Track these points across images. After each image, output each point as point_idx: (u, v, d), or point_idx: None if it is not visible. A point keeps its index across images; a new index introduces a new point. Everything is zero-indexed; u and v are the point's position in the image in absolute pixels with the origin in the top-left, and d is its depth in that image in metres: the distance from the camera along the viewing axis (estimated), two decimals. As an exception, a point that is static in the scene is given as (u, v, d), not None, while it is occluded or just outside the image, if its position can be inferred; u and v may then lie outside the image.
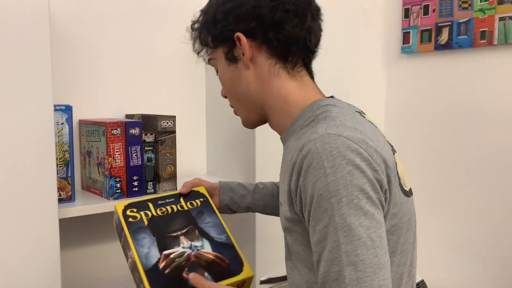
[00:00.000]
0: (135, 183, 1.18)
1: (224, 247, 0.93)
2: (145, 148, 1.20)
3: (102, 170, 1.17)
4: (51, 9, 1.15)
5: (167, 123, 1.22)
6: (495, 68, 1.52)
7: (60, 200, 1.10)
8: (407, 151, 1.82)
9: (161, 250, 0.89)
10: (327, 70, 1.56)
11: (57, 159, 1.09)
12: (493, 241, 1.57)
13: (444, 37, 1.63)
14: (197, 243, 0.92)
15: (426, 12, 1.69)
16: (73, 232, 1.34)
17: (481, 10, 1.52)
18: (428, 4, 1.67)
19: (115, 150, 1.14)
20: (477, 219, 1.61)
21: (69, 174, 1.12)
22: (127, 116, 1.41)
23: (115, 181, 1.15)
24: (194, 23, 0.91)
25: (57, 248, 1.03)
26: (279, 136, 0.90)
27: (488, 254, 1.59)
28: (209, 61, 0.93)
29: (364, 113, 0.87)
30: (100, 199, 1.19)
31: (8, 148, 0.96)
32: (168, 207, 0.97)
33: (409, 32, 1.75)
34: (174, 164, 1.23)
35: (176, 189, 1.25)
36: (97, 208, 1.13)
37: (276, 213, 1.10)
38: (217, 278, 0.88)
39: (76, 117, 1.30)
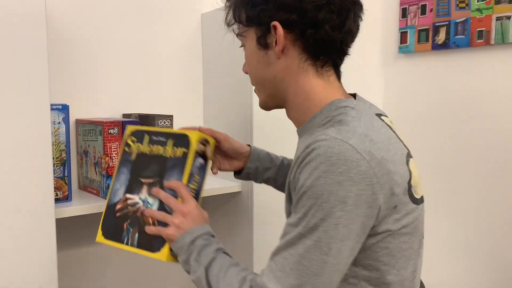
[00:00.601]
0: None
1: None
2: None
3: (99, 169, 1.16)
4: (48, 9, 1.14)
5: (165, 122, 1.21)
6: (492, 68, 1.53)
7: (57, 200, 1.10)
8: (404, 150, 1.82)
9: (126, 191, 0.88)
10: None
11: (53, 158, 1.08)
12: (493, 242, 1.57)
13: (441, 36, 1.64)
14: (150, 200, 0.88)
15: (423, 12, 1.69)
16: (70, 232, 1.33)
17: (478, 10, 1.52)
18: (426, 4, 1.67)
19: (112, 150, 1.13)
20: (477, 220, 1.61)
21: (66, 174, 1.11)
22: (124, 115, 1.40)
23: (113, 180, 1.14)
24: None
25: (53, 248, 1.02)
26: (278, 137, 0.90)
27: (488, 256, 1.59)
28: (238, 36, 0.89)
29: (384, 115, 0.86)
30: (97, 198, 1.19)
31: (4, 148, 0.95)
32: (157, 147, 0.90)
33: (406, 32, 1.75)
34: None
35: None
36: (94, 208, 1.13)
37: None
38: (140, 245, 0.86)
39: (73, 116, 1.29)
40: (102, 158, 1.13)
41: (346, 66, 1.70)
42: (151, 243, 0.85)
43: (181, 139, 0.89)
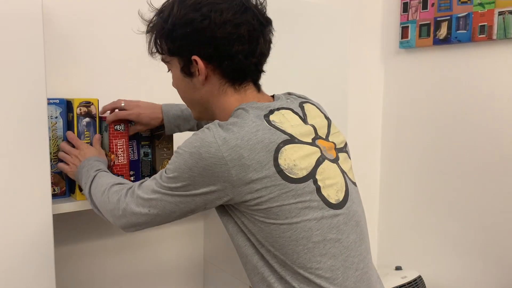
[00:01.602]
0: (132, 178, 1.16)
1: None
2: (141, 143, 1.18)
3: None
4: (45, 2, 1.12)
5: (164, 117, 1.20)
6: (494, 63, 1.52)
7: (54, 195, 1.08)
8: (404, 146, 1.81)
9: None
10: (325, 65, 1.54)
11: (51, 153, 1.07)
12: (490, 237, 1.57)
13: (443, 31, 1.62)
14: None
15: (425, 7, 1.67)
16: (67, 228, 1.32)
17: (480, 4, 1.51)
18: (427, -2, 1.66)
19: (118, 147, 1.12)
20: (474, 215, 1.61)
21: (64, 169, 1.10)
22: (123, 110, 1.38)
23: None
24: (149, 25, 0.95)
25: (51, 244, 1.01)
26: None
27: (485, 250, 1.59)
28: (163, 61, 0.97)
29: (284, 108, 0.89)
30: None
31: (0, 143, 0.94)
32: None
33: (407, 27, 1.73)
34: (170, 159, 1.21)
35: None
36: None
37: None
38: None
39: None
40: (107, 156, 1.12)
41: (346, 61, 1.69)
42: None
43: (70, 107, 1.10)
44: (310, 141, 0.87)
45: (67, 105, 1.10)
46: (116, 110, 1.13)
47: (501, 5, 1.46)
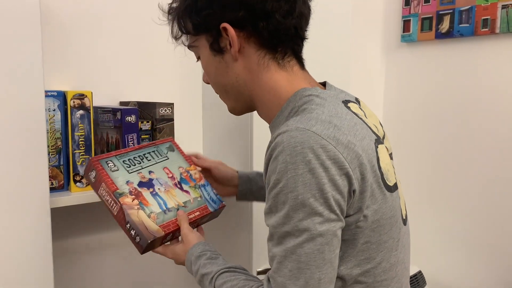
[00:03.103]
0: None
1: None
2: (142, 136, 1.17)
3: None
4: (42, -9, 1.10)
5: (165, 110, 1.18)
6: (497, 57, 1.50)
7: (52, 189, 1.07)
8: (405, 141, 1.80)
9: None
10: (325, 58, 1.53)
11: (48, 146, 1.05)
12: (490, 232, 1.56)
13: (445, 25, 1.61)
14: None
15: (427, 0, 1.66)
16: (65, 222, 1.31)
17: (483, -3, 1.50)
18: (430, -8, 1.64)
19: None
20: (474, 210, 1.60)
21: (62, 162, 1.09)
22: (122, 103, 1.37)
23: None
24: (171, 5, 0.86)
25: (49, 238, 1.00)
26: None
27: (485, 246, 1.58)
28: (189, 48, 0.87)
29: (352, 102, 0.84)
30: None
31: (-3, 135, 0.92)
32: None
33: (409, 20, 1.72)
34: None
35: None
36: (90, 197, 1.10)
37: None
38: None
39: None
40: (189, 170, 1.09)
41: (348, 55, 1.68)
42: None
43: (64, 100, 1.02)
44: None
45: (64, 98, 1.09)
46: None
47: (505, -1, 1.45)
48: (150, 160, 0.95)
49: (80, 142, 1.09)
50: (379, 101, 1.89)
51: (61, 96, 1.08)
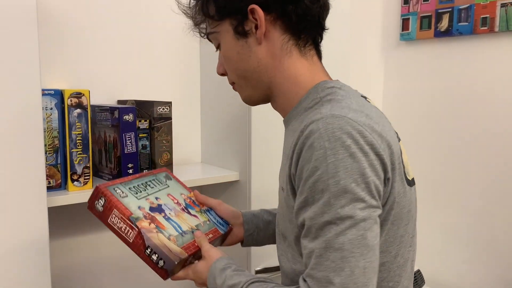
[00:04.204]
0: (130, 171, 1.14)
1: None
2: (139, 135, 1.16)
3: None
4: (39, -12, 1.10)
5: (163, 109, 1.18)
6: (496, 56, 1.50)
7: (49, 188, 1.06)
8: (405, 140, 1.80)
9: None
10: (324, 56, 1.52)
11: (45, 145, 1.04)
12: (489, 231, 1.56)
13: (444, 23, 1.60)
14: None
15: (426, -2, 1.65)
16: (63, 221, 1.30)
17: (482, -4, 1.49)
18: (429, -10, 1.64)
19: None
20: (475, 209, 1.60)
21: (59, 161, 1.08)
22: (119, 102, 1.36)
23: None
24: None
25: (46, 237, 1.00)
26: (280, 120, 0.86)
27: (484, 245, 1.58)
28: (209, 35, 0.85)
29: (368, 99, 0.84)
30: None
31: (-6, 134, 0.92)
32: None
33: (408, 19, 1.71)
34: (170, 151, 1.20)
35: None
36: (88, 196, 1.09)
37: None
38: None
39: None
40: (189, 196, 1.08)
41: (346, 53, 1.67)
42: None
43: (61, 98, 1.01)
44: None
45: (62, 96, 1.08)
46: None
47: (504, -3, 1.44)
48: (153, 187, 0.95)
49: (78, 141, 1.08)
50: (378, 100, 1.89)
51: (58, 95, 1.07)
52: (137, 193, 0.90)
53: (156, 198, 0.92)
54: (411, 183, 0.79)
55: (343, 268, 0.64)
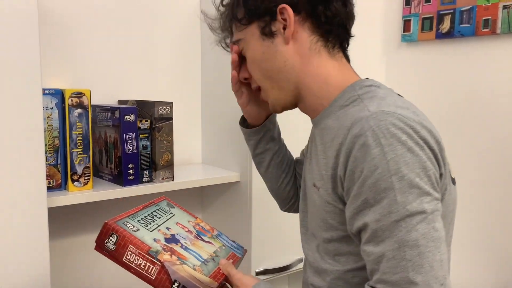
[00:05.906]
0: (131, 171, 1.14)
1: None
2: (140, 136, 1.16)
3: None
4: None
5: (164, 109, 1.17)
6: (498, 58, 1.49)
7: (50, 188, 1.06)
8: (405, 141, 1.80)
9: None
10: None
11: (46, 145, 1.04)
12: (488, 233, 1.56)
13: (445, 25, 1.60)
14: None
15: (427, 0, 1.65)
16: (63, 221, 1.30)
17: (484, -3, 1.49)
18: (430, -9, 1.63)
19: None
20: (474, 210, 1.59)
21: (59, 161, 1.08)
22: (120, 102, 1.36)
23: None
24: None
25: (46, 238, 0.99)
26: (281, 120, 0.86)
27: (483, 246, 1.58)
28: (235, 43, 0.84)
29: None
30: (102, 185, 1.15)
31: (-6, 133, 0.91)
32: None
33: (410, 20, 1.71)
34: (171, 151, 1.19)
35: (173, 177, 1.22)
36: (88, 197, 1.09)
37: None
38: None
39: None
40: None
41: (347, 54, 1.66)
42: None
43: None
44: None
45: (62, 96, 1.08)
46: None
47: (506, -1, 1.44)
48: (160, 217, 0.90)
49: (78, 141, 1.08)
50: (379, 101, 1.88)
51: (59, 95, 1.07)
52: (147, 225, 0.84)
53: (167, 229, 0.87)
54: (454, 181, 0.78)
55: (422, 265, 0.61)
